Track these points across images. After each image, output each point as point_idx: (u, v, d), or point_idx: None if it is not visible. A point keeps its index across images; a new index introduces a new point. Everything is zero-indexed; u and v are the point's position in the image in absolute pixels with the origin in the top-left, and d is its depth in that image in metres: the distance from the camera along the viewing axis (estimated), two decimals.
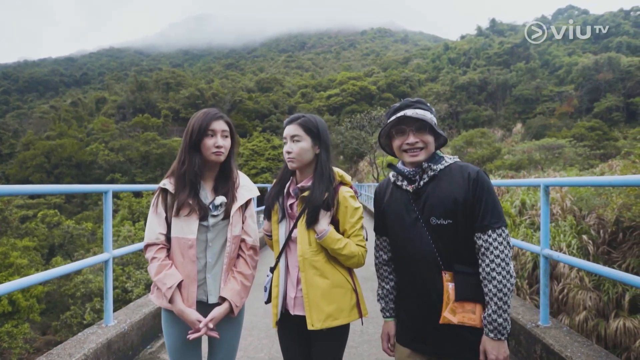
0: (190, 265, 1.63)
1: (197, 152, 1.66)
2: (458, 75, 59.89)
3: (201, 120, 1.66)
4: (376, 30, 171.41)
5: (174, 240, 1.65)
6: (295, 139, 1.66)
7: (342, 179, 1.73)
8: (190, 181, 1.63)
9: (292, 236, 1.70)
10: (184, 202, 1.61)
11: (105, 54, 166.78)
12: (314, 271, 1.63)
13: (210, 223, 1.66)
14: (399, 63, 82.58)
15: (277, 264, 1.73)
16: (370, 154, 27.32)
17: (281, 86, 78.59)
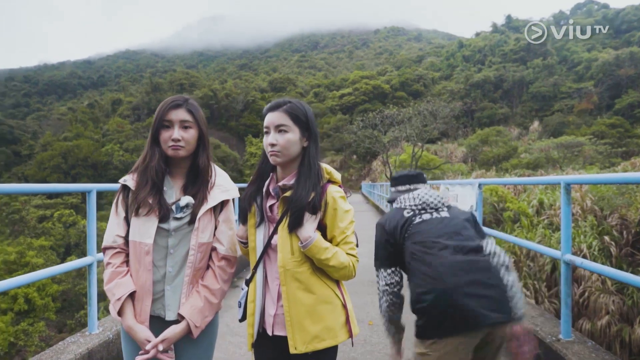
0: (145, 274, 1.41)
1: (158, 145, 1.46)
2: (473, 73, 58.88)
3: (158, 110, 1.45)
4: (389, 29, 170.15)
5: (130, 244, 1.44)
6: (282, 129, 1.40)
7: (331, 176, 1.48)
8: (152, 177, 1.42)
9: (271, 243, 1.45)
10: (143, 201, 1.40)
11: (122, 56, 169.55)
12: (297, 284, 1.39)
13: (172, 226, 1.44)
14: (413, 61, 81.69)
15: (253, 275, 1.48)
16: (383, 154, 26.93)
17: (294, 86, 78.59)
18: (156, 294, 1.44)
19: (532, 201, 12.50)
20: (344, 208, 1.43)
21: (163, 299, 1.44)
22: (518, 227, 10.83)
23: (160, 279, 1.44)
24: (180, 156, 1.46)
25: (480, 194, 4.27)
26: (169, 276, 1.44)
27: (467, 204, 4.51)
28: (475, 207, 4.28)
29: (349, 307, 1.47)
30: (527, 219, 11.11)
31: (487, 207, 11.53)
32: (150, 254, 1.41)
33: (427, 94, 48.91)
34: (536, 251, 2.79)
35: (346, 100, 65.37)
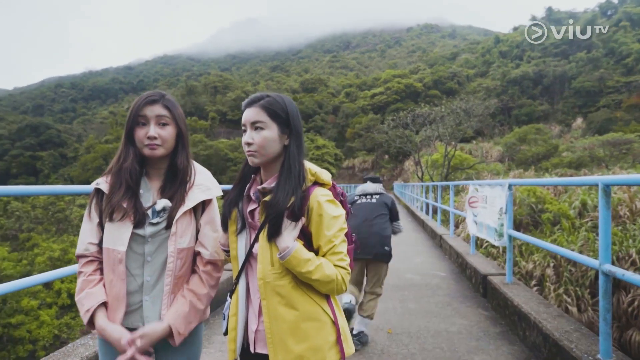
0: (119, 284, 1.30)
1: (133, 144, 1.34)
2: (510, 69, 56.57)
3: (132, 106, 1.33)
4: (422, 26, 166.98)
5: (104, 251, 1.33)
6: (258, 126, 1.26)
7: (317, 177, 1.32)
8: (126, 179, 1.31)
9: (253, 252, 1.31)
10: (116, 205, 1.29)
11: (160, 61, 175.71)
12: (279, 299, 1.24)
13: (148, 232, 1.32)
14: (447, 59, 79.68)
15: (236, 286, 1.35)
16: (415, 153, 26.32)
17: (325, 86, 78.62)
18: (133, 305, 1.33)
19: (573, 202, 11.79)
20: (331, 214, 1.26)
21: (141, 310, 1.33)
22: (558, 230, 10.22)
23: (137, 289, 1.33)
24: (157, 155, 1.34)
25: (510, 195, 3.97)
26: (147, 286, 1.33)
27: (496, 206, 4.22)
28: (505, 209, 3.98)
29: (341, 324, 1.31)
30: (568, 221, 10.47)
31: (523, 209, 10.98)
32: (124, 262, 1.30)
33: (462, 92, 47.45)
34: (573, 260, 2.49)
35: (378, 99, 64.65)
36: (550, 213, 10.99)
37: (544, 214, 10.68)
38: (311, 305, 1.25)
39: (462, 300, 4.37)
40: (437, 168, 22.50)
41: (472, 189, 5.40)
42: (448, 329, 3.51)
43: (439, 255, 7.10)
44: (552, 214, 11.01)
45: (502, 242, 4.05)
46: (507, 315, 3.57)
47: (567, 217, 10.79)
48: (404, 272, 5.81)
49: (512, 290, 3.69)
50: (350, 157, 59.41)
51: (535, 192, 11.19)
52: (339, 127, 65.00)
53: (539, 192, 11.27)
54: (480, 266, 4.82)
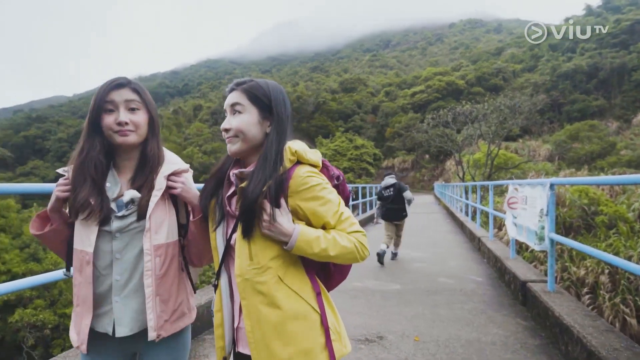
0: (85, 287, 1.22)
1: (99, 134, 1.24)
2: (561, 63, 53.34)
3: (97, 92, 1.23)
4: (465, 21, 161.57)
5: (74, 253, 1.25)
6: (237, 110, 1.17)
7: (299, 156, 1.18)
8: (90, 173, 1.21)
9: (231, 242, 1.20)
10: (83, 202, 1.19)
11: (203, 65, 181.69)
12: (260, 298, 1.11)
13: (115, 227, 1.22)
14: (491, 54, 76.50)
15: (218, 280, 1.24)
16: (456, 153, 25.41)
17: (365, 86, 77.93)
18: (103, 307, 1.24)
19: (633, 204, 10.86)
20: (319, 183, 1.14)
21: (111, 313, 1.24)
22: (614, 234, 9.44)
23: (106, 291, 1.24)
24: (130, 143, 1.25)
25: (552, 195, 3.62)
26: (117, 285, 1.23)
27: (536, 207, 3.88)
28: (546, 211, 3.64)
29: (331, 323, 1.17)
30: (626, 225, 9.63)
31: (574, 211, 10.26)
32: (91, 264, 1.21)
33: (507, 88, 45.31)
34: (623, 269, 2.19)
35: (418, 98, 63.26)
36: (605, 216, 10.16)
37: (598, 216, 9.89)
38: (298, 302, 1.13)
39: (498, 308, 4.06)
40: (480, 168, 21.58)
41: (511, 188, 5.04)
42: (481, 339, 3.25)
43: (477, 259, 6.72)
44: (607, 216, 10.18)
45: (543, 246, 3.72)
46: (547, 327, 3.26)
47: (625, 220, 9.93)
48: (437, 275, 5.53)
49: (554, 300, 3.37)
50: (389, 157, 58.50)
51: (587, 193, 10.43)
52: (378, 127, 64.19)
53: (592, 192, 10.49)
54: (520, 272, 4.47)
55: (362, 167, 48.00)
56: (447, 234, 10.27)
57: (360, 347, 3.16)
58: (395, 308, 4.12)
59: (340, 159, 49.14)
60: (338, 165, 48.68)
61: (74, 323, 1.28)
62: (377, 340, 3.28)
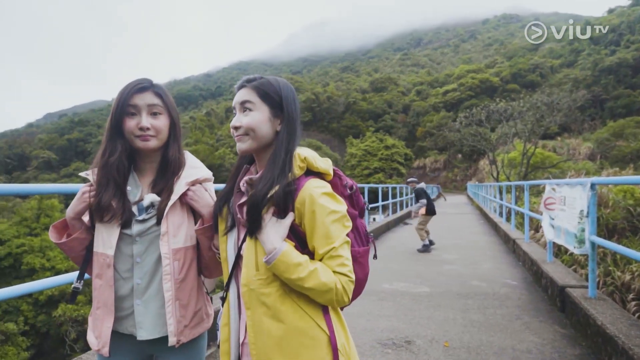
0: (107, 291, 1.22)
1: (121, 137, 1.24)
2: (603, 57, 50.60)
3: (119, 95, 1.22)
4: (500, 17, 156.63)
5: (94, 256, 1.26)
6: (247, 107, 1.12)
7: (309, 164, 1.11)
8: (113, 176, 1.22)
9: (242, 252, 1.15)
10: (107, 205, 1.20)
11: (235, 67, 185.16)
12: (264, 310, 1.06)
13: (135, 231, 1.22)
14: (527, 50, 73.61)
15: (226, 292, 1.19)
16: (490, 152, 24.62)
17: (395, 85, 77.05)
18: (124, 310, 1.24)
19: None
20: (328, 208, 1.05)
21: (133, 316, 1.24)
22: None
23: (128, 293, 1.24)
24: (150, 148, 1.24)
25: (594, 195, 3.41)
26: (138, 289, 1.23)
27: (576, 208, 3.67)
28: (586, 212, 3.43)
29: (340, 344, 1.09)
30: None
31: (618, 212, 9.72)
32: (112, 267, 1.21)
33: (545, 85, 43.53)
34: None
35: (450, 96, 61.90)
36: None
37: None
38: (302, 320, 1.06)
39: (534, 313, 3.86)
40: (515, 167, 20.80)
41: (548, 189, 4.80)
42: (515, 347, 3.10)
43: (511, 262, 6.46)
44: None
45: (583, 249, 3.50)
46: (588, 336, 3.06)
47: None
48: (469, 278, 5.35)
49: (595, 307, 3.16)
50: (420, 157, 57.52)
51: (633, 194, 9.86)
52: (409, 126, 63.27)
53: (638, 193, 9.91)
54: (558, 276, 4.24)
55: (392, 167, 47.42)
56: (480, 235, 9.95)
57: (387, 352, 3.08)
58: (424, 312, 4.00)
59: (370, 159, 48.76)
60: (368, 166, 48.27)
61: (92, 326, 1.28)
62: (405, 345, 3.19)
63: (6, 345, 14.23)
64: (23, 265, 18.49)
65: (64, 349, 16.40)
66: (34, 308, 17.10)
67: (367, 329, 3.55)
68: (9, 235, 19.54)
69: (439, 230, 10.91)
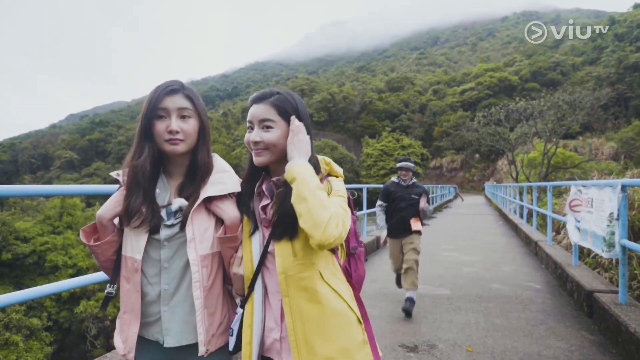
0: (134, 295, 1.21)
1: (150, 140, 1.23)
2: (628, 54, 49.04)
3: (150, 97, 1.21)
4: (519, 14, 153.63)
5: (122, 259, 1.25)
6: (267, 125, 1.18)
7: (331, 168, 1.27)
8: (141, 180, 1.20)
9: (269, 249, 1.19)
10: (138, 209, 1.19)
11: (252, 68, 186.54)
12: (303, 294, 1.12)
13: (163, 236, 1.21)
14: (548, 47, 71.99)
15: (250, 293, 1.21)
16: (509, 152, 24.18)
17: (412, 84, 76.43)
18: (152, 316, 1.24)
19: None
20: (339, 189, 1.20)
21: (160, 322, 1.22)
22: None
23: (155, 299, 1.23)
24: (179, 152, 1.23)
25: (625, 197, 3.30)
26: (165, 295, 1.22)
27: (605, 211, 3.56)
28: (616, 215, 3.32)
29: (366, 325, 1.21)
30: None
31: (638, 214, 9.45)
32: (139, 272, 1.21)
33: (566, 83, 42.54)
34: None
35: (468, 95, 61.12)
36: None
37: None
38: (337, 300, 1.15)
39: (560, 318, 3.76)
40: (535, 167, 20.36)
41: (574, 190, 4.67)
42: (541, 352, 3.02)
43: (534, 265, 6.31)
44: None
45: (613, 253, 3.39)
46: (619, 343, 2.96)
47: None
48: (490, 281, 5.25)
49: (627, 313, 3.06)
50: (437, 157, 56.94)
51: None
52: (425, 126, 62.68)
53: None
54: (585, 280, 4.13)
55: None
56: (499, 237, 9.77)
57: (409, 355, 3.04)
58: (445, 315, 3.94)
59: (387, 159, 48.49)
60: (385, 166, 48.00)
61: (120, 330, 1.27)
62: (427, 349, 3.14)
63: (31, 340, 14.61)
64: (47, 263, 18.97)
65: (84, 345, 16.77)
66: (56, 304, 17.51)
67: (388, 332, 3.51)
68: (33, 233, 20.07)
69: (457, 231, 10.76)
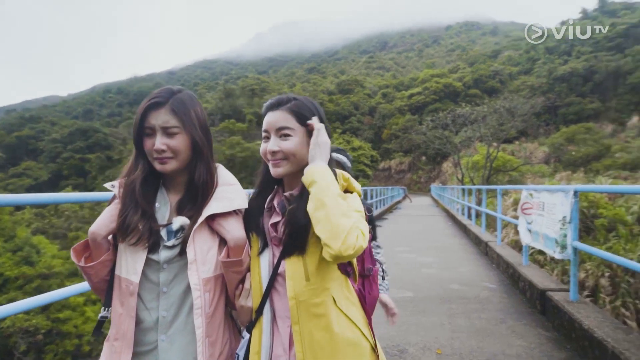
0: (127, 321, 1.08)
1: (143, 157, 1.13)
2: (557, 66, 53.57)
3: (138, 112, 1.11)
4: (462, 24, 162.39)
5: (115, 279, 1.12)
6: (285, 133, 1.09)
7: (349, 185, 1.15)
8: (137, 196, 1.10)
9: (279, 271, 1.10)
10: (135, 226, 1.07)
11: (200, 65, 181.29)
12: (315, 322, 1.04)
13: (163, 257, 1.09)
14: (488, 57, 76.74)
15: (258, 317, 1.12)
16: (454, 155, 25.43)
17: (361, 87, 77.98)
18: (146, 345, 1.11)
19: (631, 207, 10.85)
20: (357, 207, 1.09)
21: (156, 353, 1.10)
22: (614, 237, 9.41)
23: (152, 326, 1.10)
24: (169, 170, 1.12)
25: (576, 202, 3.53)
26: (163, 322, 1.09)
27: (556, 214, 3.79)
28: (569, 219, 3.55)
29: (380, 351, 1.15)
30: (625, 228, 9.61)
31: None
32: (135, 296, 1.08)
33: (504, 91, 45.46)
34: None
35: (415, 100, 63.40)
36: (604, 219, 10.15)
37: (597, 219, 9.86)
38: (350, 329, 1.08)
39: (517, 317, 3.96)
40: (478, 170, 21.57)
41: (525, 194, 4.95)
42: (505, 351, 3.15)
43: (486, 264, 6.63)
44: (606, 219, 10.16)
45: (566, 254, 3.62)
46: (574, 339, 3.16)
47: (624, 223, 9.91)
48: (449, 282, 5.43)
49: (579, 311, 3.27)
50: (386, 159, 58.54)
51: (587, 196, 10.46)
52: (375, 129, 64.24)
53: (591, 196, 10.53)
54: (537, 279, 4.38)
55: (359, 169, 47.90)
56: (451, 237, 10.19)
57: None
58: (411, 317, 4.00)
59: None
60: None
61: (108, 358, 1.14)
62: (398, 354, 3.17)
63: None
64: None
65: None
66: None
67: None
68: None
69: (411, 232, 11.09)
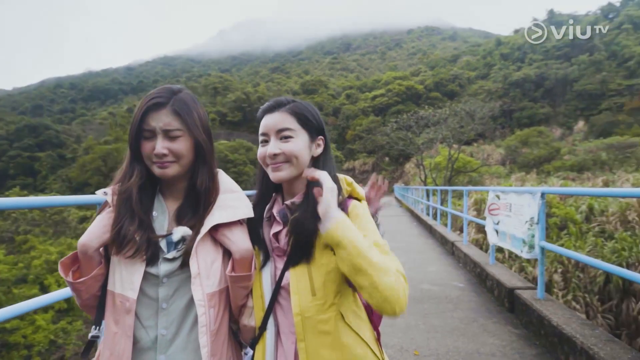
0: (123, 341, 0.99)
1: (139, 161, 1.04)
2: (511, 72, 56.35)
3: (135, 113, 1.02)
4: (423, 28, 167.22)
5: (108, 295, 1.03)
6: (286, 135, 1.04)
7: (353, 190, 1.11)
8: (132, 205, 1.01)
9: (282, 283, 1.04)
10: (132, 236, 0.98)
11: (160, 62, 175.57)
12: (321, 339, 0.98)
13: (162, 271, 1.01)
14: (448, 61, 79.53)
15: (262, 333, 1.06)
16: (417, 155, 26.09)
17: (326, 88, 78.45)
18: None
19: (580, 207, 11.55)
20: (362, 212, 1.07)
21: None
22: (565, 234, 9.98)
23: (150, 345, 1.01)
24: (170, 175, 1.04)
25: (543, 204, 3.69)
26: (163, 341, 1.01)
27: (524, 215, 3.94)
28: (536, 219, 3.70)
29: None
30: (575, 226, 10.22)
31: None
32: (132, 313, 0.99)
33: (463, 94, 47.32)
34: (592, 265, 2.33)
35: (379, 101, 64.51)
36: (557, 217, 10.75)
37: (550, 218, 10.42)
38: (359, 346, 1.02)
39: (487, 315, 4.08)
40: (440, 171, 22.27)
41: (492, 195, 5.12)
42: (479, 350, 3.23)
43: (453, 264, 6.81)
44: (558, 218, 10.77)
45: (533, 254, 3.77)
46: (543, 336, 3.29)
47: (574, 222, 10.55)
48: (420, 282, 5.53)
49: (547, 308, 3.41)
50: (350, 159, 59.20)
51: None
52: (339, 129, 64.81)
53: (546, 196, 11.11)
54: (504, 278, 4.54)
55: None
56: (417, 237, 10.41)
57: None
58: (386, 319, 4.02)
59: None
60: None
61: None
62: None
63: None
64: None
65: None
66: None
67: None
68: None
69: None
